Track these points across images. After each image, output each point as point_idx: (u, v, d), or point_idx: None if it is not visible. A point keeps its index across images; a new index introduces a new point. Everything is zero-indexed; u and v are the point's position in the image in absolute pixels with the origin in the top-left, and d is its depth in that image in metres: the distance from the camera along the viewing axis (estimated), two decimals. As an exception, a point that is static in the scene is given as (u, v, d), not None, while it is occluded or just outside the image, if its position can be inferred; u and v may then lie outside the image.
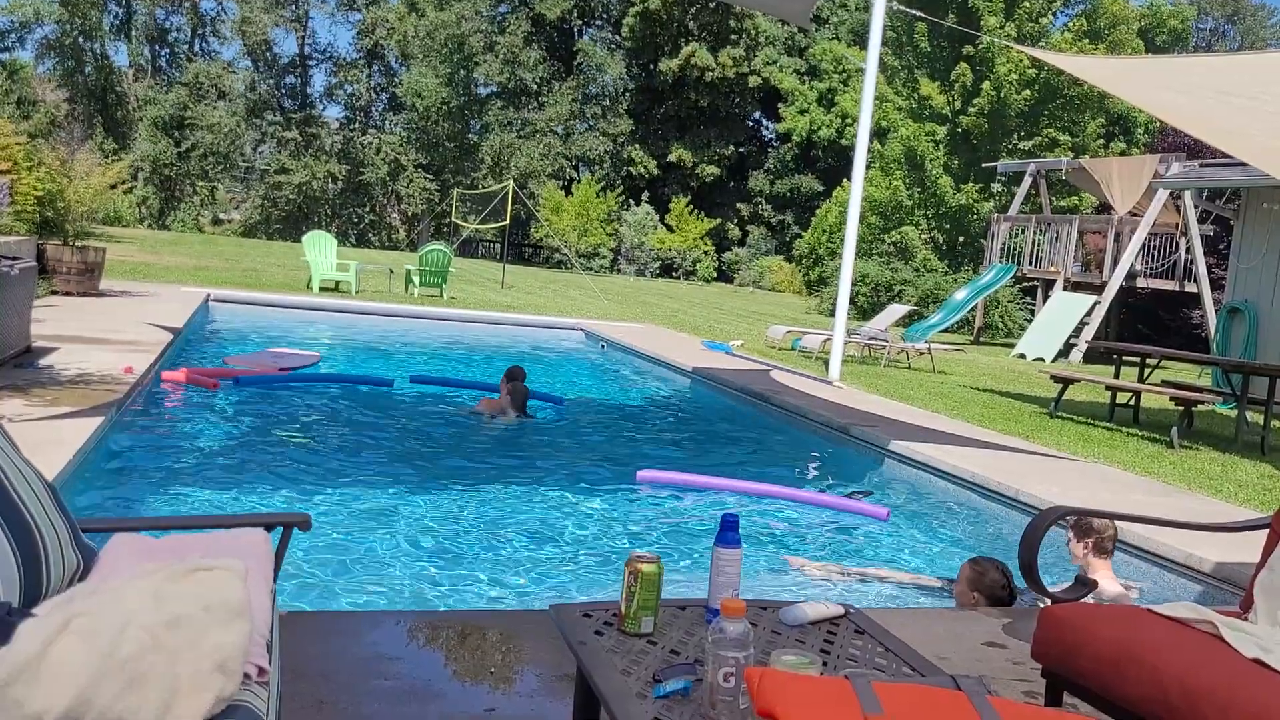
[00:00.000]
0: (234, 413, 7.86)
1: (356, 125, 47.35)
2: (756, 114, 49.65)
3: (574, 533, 5.66)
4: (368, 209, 46.51)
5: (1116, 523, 4.43)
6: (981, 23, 27.99)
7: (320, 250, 17.66)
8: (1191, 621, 2.55)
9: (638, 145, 46.30)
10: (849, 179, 12.59)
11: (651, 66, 46.78)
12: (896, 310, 17.13)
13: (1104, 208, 22.58)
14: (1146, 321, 23.78)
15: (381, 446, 7.34)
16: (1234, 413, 10.55)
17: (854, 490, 6.82)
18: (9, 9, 41.02)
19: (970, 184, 29.14)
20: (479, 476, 6.67)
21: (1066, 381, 10.87)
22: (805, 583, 5.07)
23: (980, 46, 28.23)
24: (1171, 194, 19.11)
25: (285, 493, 5.76)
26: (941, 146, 29.91)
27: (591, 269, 37.68)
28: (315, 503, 5.64)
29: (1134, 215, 19.72)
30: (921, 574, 5.40)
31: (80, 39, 43.04)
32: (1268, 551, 2.85)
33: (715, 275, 42.71)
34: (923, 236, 29.52)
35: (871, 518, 6.31)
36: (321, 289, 17.14)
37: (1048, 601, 2.95)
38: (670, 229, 42.33)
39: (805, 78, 44.30)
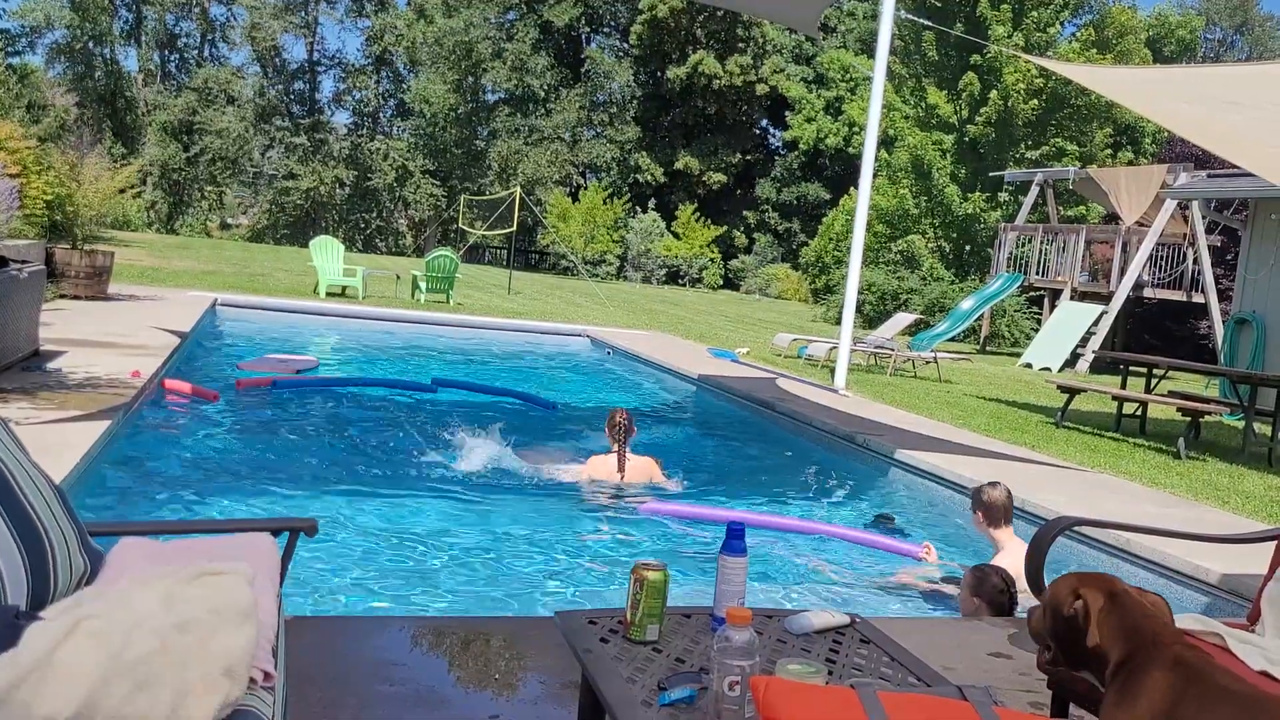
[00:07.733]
0: (241, 416, 7.86)
1: (364, 131, 47.47)
2: (764, 122, 49.69)
3: (579, 538, 5.65)
4: (375, 215, 46.61)
5: (1128, 534, 4.43)
6: (989, 32, 28.01)
7: (327, 256, 17.70)
8: (1198, 633, 2.54)
9: (645, 152, 46.34)
10: (856, 187, 12.59)
11: (659, 74, 46.85)
12: (903, 319, 17.12)
13: (1111, 217, 22.54)
14: (1154, 332, 23.73)
15: (391, 452, 7.34)
16: (1241, 424, 10.51)
17: (883, 515, 6.65)
18: (20, 14, 41.24)
19: (977, 193, 29.12)
20: (483, 482, 6.67)
21: (1073, 391, 10.85)
22: (812, 591, 5.07)
23: (988, 55, 28.24)
24: (1179, 204, 19.08)
25: (292, 498, 5.76)
26: (949, 155, 29.90)
27: (598, 276, 37.70)
28: (322, 508, 5.64)
29: (1141, 225, 19.68)
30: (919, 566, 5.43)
31: (90, 44, 43.22)
32: (1276, 564, 2.84)
33: (721, 283, 42.70)
34: (929, 245, 29.49)
35: (908, 556, 5.75)
36: (328, 294, 17.17)
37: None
38: (677, 236, 42.33)
39: (813, 86, 44.32)
